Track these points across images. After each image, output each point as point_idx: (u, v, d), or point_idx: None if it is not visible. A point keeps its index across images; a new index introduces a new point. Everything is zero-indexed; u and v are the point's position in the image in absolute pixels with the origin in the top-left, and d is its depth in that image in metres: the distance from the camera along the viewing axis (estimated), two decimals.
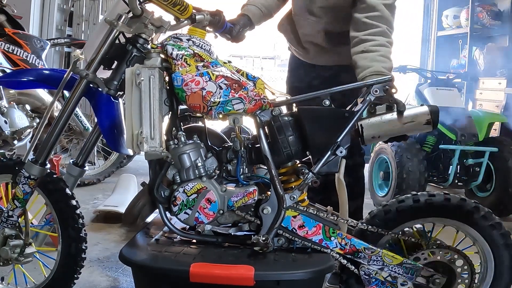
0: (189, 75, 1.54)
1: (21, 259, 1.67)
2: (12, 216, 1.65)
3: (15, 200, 1.64)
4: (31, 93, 2.74)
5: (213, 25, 1.86)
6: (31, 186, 1.63)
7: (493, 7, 5.12)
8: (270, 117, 1.62)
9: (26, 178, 1.62)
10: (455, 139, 3.31)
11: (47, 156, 1.65)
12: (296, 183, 1.65)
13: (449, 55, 5.69)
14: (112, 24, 1.61)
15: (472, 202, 1.63)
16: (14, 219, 1.66)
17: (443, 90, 3.59)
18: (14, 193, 1.64)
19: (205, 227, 1.63)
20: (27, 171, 1.63)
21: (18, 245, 1.66)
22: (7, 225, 1.66)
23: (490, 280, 1.66)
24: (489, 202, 3.34)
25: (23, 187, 1.62)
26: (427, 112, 1.58)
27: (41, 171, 1.64)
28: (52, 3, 4.46)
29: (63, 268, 1.70)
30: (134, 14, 1.62)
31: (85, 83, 1.63)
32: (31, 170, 1.63)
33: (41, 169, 1.64)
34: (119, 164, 3.92)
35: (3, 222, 1.66)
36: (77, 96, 1.65)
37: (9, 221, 1.65)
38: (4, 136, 2.55)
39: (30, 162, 1.63)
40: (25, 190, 1.63)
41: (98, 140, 1.79)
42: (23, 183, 1.62)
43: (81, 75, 1.62)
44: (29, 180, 1.62)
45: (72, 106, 1.66)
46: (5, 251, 1.65)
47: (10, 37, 3.01)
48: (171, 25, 1.69)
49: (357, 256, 1.60)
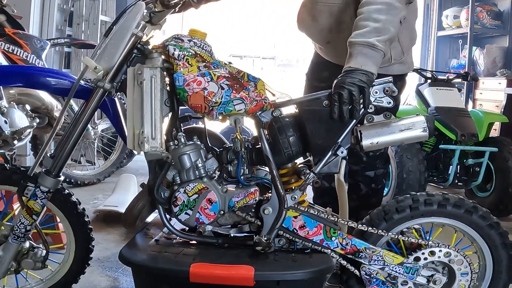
0: (190, 75, 1.54)
1: (45, 265, 1.70)
2: (29, 231, 1.64)
3: (33, 214, 1.60)
4: (31, 93, 2.73)
5: None
6: (48, 199, 1.61)
7: (493, 7, 5.13)
8: (271, 118, 1.62)
9: (44, 192, 1.58)
10: (455, 139, 3.31)
11: (61, 168, 1.61)
12: (297, 183, 1.65)
13: (449, 55, 5.70)
14: (137, 37, 1.56)
15: (470, 202, 1.64)
16: (30, 233, 1.65)
17: (443, 90, 3.59)
18: (30, 208, 1.60)
19: (205, 228, 1.63)
20: (43, 185, 1.58)
21: (42, 254, 1.68)
22: (24, 240, 1.65)
23: (489, 280, 1.67)
24: (489, 202, 3.34)
25: (41, 201, 1.59)
26: (423, 121, 1.60)
27: (56, 183, 1.60)
28: (52, 3, 4.45)
29: (76, 263, 1.76)
30: (153, 23, 1.61)
31: (102, 93, 1.58)
32: (47, 183, 1.58)
33: (56, 181, 1.60)
34: (119, 164, 3.92)
35: (20, 238, 1.63)
36: (93, 107, 1.59)
37: (26, 236, 1.64)
38: (4, 136, 2.54)
39: (45, 175, 1.58)
40: (43, 203, 1.60)
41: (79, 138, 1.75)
42: (41, 198, 1.58)
43: (104, 88, 1.56)
44: (48, 194, 1.59)
45: (88, 117, 1.59)
46: (30, 263, 1.66)
47: (10, 37, 3.00)
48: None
49: (358, 256, 1.60)
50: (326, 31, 1.94)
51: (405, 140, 1.61)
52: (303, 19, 2.03)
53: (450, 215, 1.62)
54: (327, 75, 1.97)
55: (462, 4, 5.24)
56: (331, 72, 1.81)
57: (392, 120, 1.60)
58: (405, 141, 1.63)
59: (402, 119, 1.61)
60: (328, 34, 1.94)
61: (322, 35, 1.98)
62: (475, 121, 3.38)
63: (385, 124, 1.59)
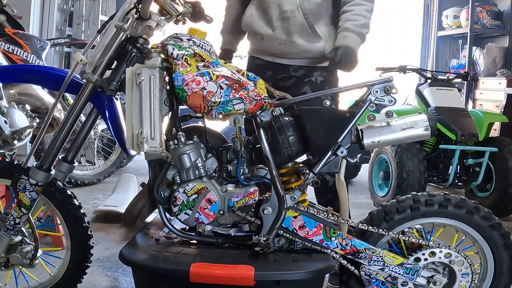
0: (189, 75, 1.54)
1: (33, 263, 1.68)
2: (19, 224, 1.64)
3: (22, 207, 1.61)
4: (31, 93, 2.73)
5: (194, 17, 1.83)
6: (38, 193, 1.62)
7: (493, 7, 5.12)
8: (271, 118, 1.62)
9: (33, 185, 1.60)
10: (455, 139, 3.30)
11: (52, 162, 1.63)
12: (297, 183, 1.65)
13: (449, 55, 5.70)
14: (121, 29, 1.55)
15: (472, 202, 1.63)
16: (20, 226, 1.65)
17: (443, 90, 3.58)
18: (20, 201, 1.61)
19: (205, 228, 1.63)
20: (33, 178, 1.60)
21: (30, 250, 1.66)
22: (14, 233, 1.65)
23: (490, 280, 1.67)
24: (489, 202, 3.34)
25: (30, 194, 1.60)
26: (425, 119, 1.59)
27: (47, 177, 1.62)
28: (52, 3, 4.45)
29: (74, 265, 1.73)
30: (143, 17, 1.59)
31: (92, 87, 1.60)
32: (37, 176, 1.60)
33: (47, 175, 1.62)
34: (119, 164, 3.92)
35: (10, 230, 1.64)
36: (83, 101, 1.61)
37: (16, 228, 1.64)
38: (4, 136, 2.54)
39: (35, 168, 1.61)
40: (32, 197, 1.61)
41: (87, 137, 1.75)
42: (30, 190, 1.60)
43: (89, 80, 1.58)
44: (37, 187, 1.61)
45: (78, 111, 1.63)
46: (17, 258, 1.65)
47: (10, 37, 3.00)
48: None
49: (357, 256, 1.60)
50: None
51: (406, 139, 1.61)
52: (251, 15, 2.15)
53: (452, 215, 1.62)
54: (271, 74, 2.15)
55: (462, 4, 5.24)
56: (274, 70, 2.14)
57: (393, 119, 1.60)
58: (406, 140, 1.62)
59: (404, 118, 1.60)
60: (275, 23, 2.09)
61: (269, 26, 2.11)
62: (475, 121, 3.37)
63: (386, 122, 1.59)
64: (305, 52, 2.08)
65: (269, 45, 2.11)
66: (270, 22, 2.06)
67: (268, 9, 2.05)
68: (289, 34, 2.05)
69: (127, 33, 1.57)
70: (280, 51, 2.10)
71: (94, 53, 1.62)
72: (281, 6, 2.02)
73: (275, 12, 2.04)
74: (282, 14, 2.03)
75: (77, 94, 1.64)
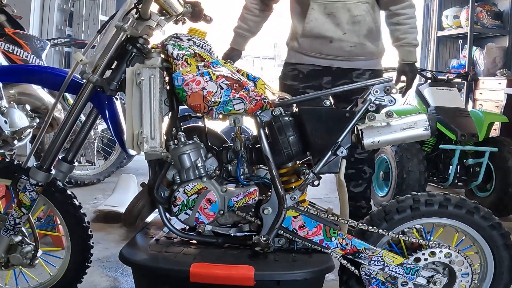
0: (189, 75, 1.54)
1: (33, 263, 1.67)
2: (19, 224, 1.64)
3: (22, 207, 1.61)
4: (31, 93, 2.73)
5: (194, 17, 1.84)
6: (38, 193, 1.62)
7: (493, 7, 5.12)
8: (271, 117, 1.62)
9: (33, 185, 1.60)
10: (455, 139, 3.30)
11: (52, 162, 1.63)
12: (297, 183, 1.65)
13: (449, 55, 5.70)
14: (121, 29, 1.55)
15: (472, 202, 1.63)
16: (20, 226, 1.65)
17: (443, 90, 3.58)
18: (20, 201, 1.61)
19: (205, 228, 1.63)
20: (33, 178, 1.60)
21: (30, 250, 1.66)
22: (14, 233, 1.65)
23: (490, 280, 1.66)
24: (489, 202, 3.33)
25: (30, 194, 1.60)
26: (425, 119, 1.59)
27: (47, 177, 1.62)
28: (52, 3, 4.45)
29: (74, 265, 1.73)
30: (143, 17, 1.59)
31: (92, 87, 1.60)
32: (37, 176, 1.60)
33: (47, 175, 1.62)
34: (119, 164, 3.92)
35: (10, 230, 1.64)
36: (83, 101, 1.62)
37: (16, 228, 1.64)
38: (4, 136, 2.54)
39: (35, 169, 1.61)
40: (32, 197, 1.61)
41: (87, 137, 1.76)
42: (30, 190, 1.60)
43: (89, 80, 1.58)
44: (37, 187, 1.61)
45: (78, 111, 1.63)
46: (17, 258, 1.65)
47: (10, 37, 3.00)
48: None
49: (357, 256, 1.60)
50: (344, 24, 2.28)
51: (407, 138, 1.61)
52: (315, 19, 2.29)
53: (452, 215, 1.62)
54: (329, 80, 2.35)
55: (462, 4, 5.23)
56: (333, 76, 2.34)
57: (393, 119, 1.60)
58: (407, 140, 1.63)
59: (404, 118, 1.60)
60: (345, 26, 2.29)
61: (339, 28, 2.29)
62: (475, 121, 3.37)
63: (386, 122, 1.59)
64: (371, 54, 2.35)
65: (338, 47, 2.30)
66: (339, 25, 2.24)
67: (336, 13, 2.23)
68: (359, 37, 2.29)
69: (127, 33, 1.57)
70: (348, 54, 2.31)
71: (94, 53, 1.62)
72: (351, 10, 2.23)
73: (345, 16, 2.23)
74: (353, 18, 2.25)
75: (77, 94, 1.64)
